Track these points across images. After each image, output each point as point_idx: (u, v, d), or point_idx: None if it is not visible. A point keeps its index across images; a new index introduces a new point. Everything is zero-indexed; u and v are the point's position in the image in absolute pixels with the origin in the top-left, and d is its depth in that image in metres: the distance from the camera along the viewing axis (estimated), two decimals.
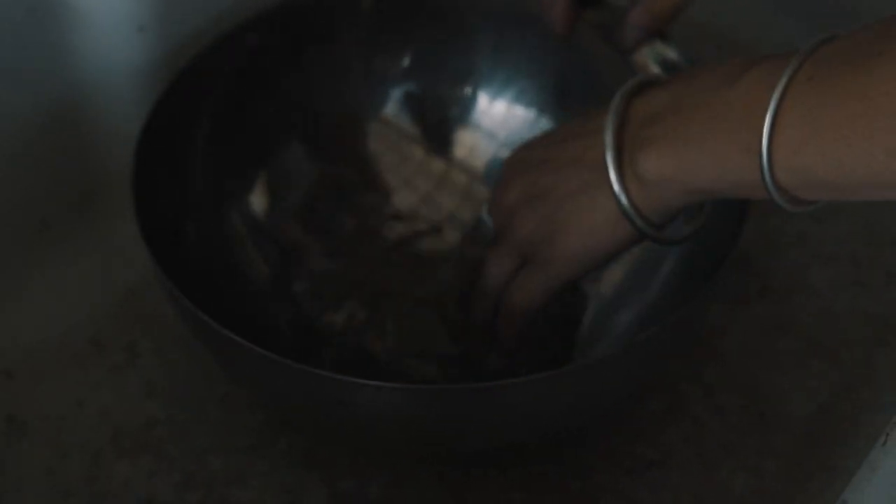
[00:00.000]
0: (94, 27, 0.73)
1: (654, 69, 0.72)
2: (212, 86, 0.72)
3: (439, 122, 0.79)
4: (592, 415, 0.66)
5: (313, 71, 0.76)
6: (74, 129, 0.76)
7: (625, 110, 0.59)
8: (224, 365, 0.64)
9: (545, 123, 0.78)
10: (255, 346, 0.56)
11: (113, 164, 0.65)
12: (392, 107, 0.79)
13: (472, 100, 0.79)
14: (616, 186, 0.58)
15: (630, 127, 0.58)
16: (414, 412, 0.58)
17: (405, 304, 0.75)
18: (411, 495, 0.67)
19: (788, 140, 0.49)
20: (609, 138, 0.58)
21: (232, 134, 0.74)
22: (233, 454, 0.69)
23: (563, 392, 0.58)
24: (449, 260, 0.77)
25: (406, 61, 0.78)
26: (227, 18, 0.75)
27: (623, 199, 0.58)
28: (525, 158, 0.66)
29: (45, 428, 0.70)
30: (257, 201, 0.75)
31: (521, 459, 0.68)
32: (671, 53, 0.71)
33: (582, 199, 0.60)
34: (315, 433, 0.69)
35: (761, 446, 0.69)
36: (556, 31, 0.70)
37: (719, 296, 0.66)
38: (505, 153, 0.77)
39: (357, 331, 0.73)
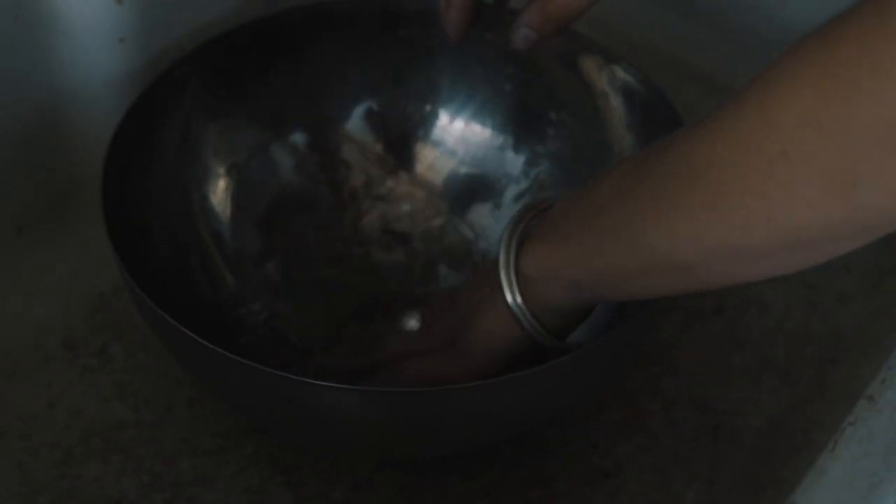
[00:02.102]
0: (75, 37, 0.74)
1: (613, 94, 0.74)
2: (183, 97, 0.73)
3: (401, 138, 0.81)
4: (541, 420, 0.67)
5: (281, 86, 0.78)
6: (52, 136, 0.77)
7: (525, 228, 0.61)
8: (182, 362, 0.65)
9: (503, 141, 0.80)
10: (209, 342, 0.57)
11: (89, 172, 0.66)
12: (355, 123, 0.80)
13: (433, 117, 0.80)
14: (505, 286, 0.60)
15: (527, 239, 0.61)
16: (363, 414, 0.59)
17: (364, 314, 0.76)
18: (374, 500, 0.68)
19: None
20: (504, 243, 0.60)
21: (201, 143, 0.75)
22: (200, 457, 0.70)
23: (512, 397, 0.59)
24: (404, 269, 0.79)
25: (370, 79, 0.79)
26: (204, 32, 0.76)
27: (509, 298, 0.60)
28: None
29: (17, 427, 0.70)
30: (222, 209, 0.76)
31: (483, 467, 0.69)
32: (629, 77, 0.73)
33: (485, 304, 0.62)
34: (275, 435, 0.70)
35: (714, 458, 0.71)
36: (449, 36, 0.71)
37: (661, 315, 0.68)
38: (464, 169, 0.80)
39: (315, 337, 0.75)
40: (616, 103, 0.74)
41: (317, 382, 0.56)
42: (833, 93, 0.40)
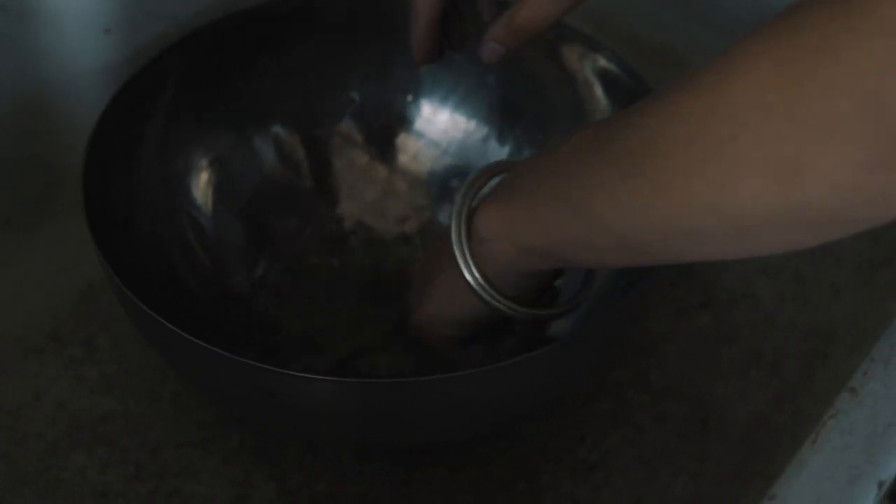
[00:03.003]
0: (61, 28, 0.74)
1: (595, 83, 0.74)
2: (165, 88, 0.73)
3: (383, 129, 0.80)
4: (524, 410, 0.68)
5: (264, 78, 0.78)
6: (39, 127, 0.77)
7: (476, 187, 0.61)
8: (164, 355, 0.65)
9: (487, 132, 0.79)
10: (189, 335, 0.57)
11: (76, 163, 0.66)
12: (339, 114, 0.80)
13: (416, 108, 0.80)
14: (457, 251, 0.59)
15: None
16: (342, 403, 0.59)
17: (347, 302, 0.76)
18: (358, 492, 0.68)
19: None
20: (456, 209, 0.60)
21: (183, 135, 0.75)
22: (185, 448, 0.70)
23: (491, 387, 0.59)
24: (386, 260, 0.79)
25: (352, 70, 0.79)
26: (190, 23, 0.76)
27: (462, 266, 0.59)
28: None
29: (2, 419, 0.71)
30: (204, 202, 0.76)
31: (468, 460, 0.69)
32: (611, 66, 0.73)
33: (444, 271, 0.62)
34: (259, 426, 0.70)
35: (701, 452, 0.70)
36: (416, 58, 0.70)
37: (647, 305, 0.68)
38: (447, 160, 0.79)
39: (296, 326, 0.75)
40: (599, 93, 0.74)
41: (298, 374, 0.56)
42: (788, 78, 0.39)
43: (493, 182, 0.62)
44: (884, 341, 0.62)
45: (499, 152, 0.79)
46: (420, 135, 0.80)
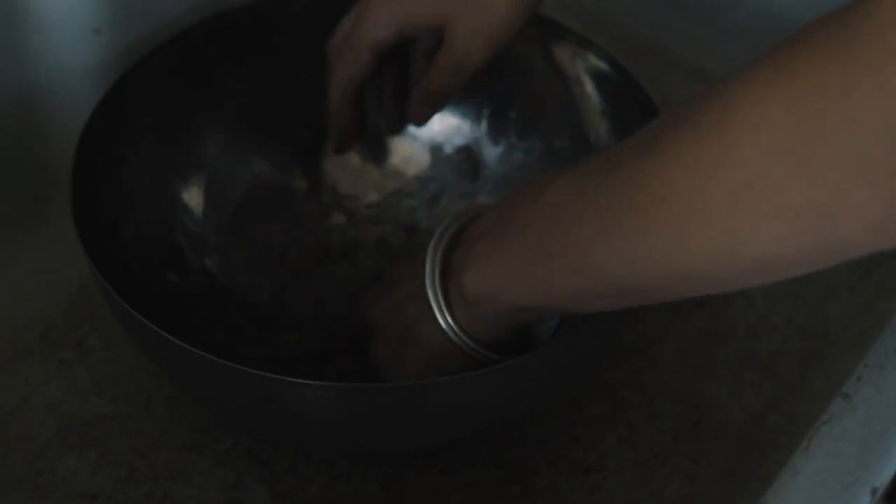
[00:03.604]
0: (50, 29, 0.73)
1: (587, 81, 0.73)
2: (154, 90, 0.73)
3: (375, 129, 0.79)
4: (505, 416, 0.67)
5: (254, 78, 0.77)
6: (29, 128, 0.77)
7: (454, 234, 0.60)
8: (152, 359, 0.65)
9: (478, 133, 0.79)
10: (178, 340, 0.56)
11: (67, 164, 0.66)
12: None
13: None
14: (437, 312, 0.58)
15: (459, 249, 0.59)
16: (334, 409, 0.59)
17: (338, 305, 0.76)
18: (351, 496, 0.68)
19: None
20: (430, 262, 0.59)
21: (172, 136, 0.74)
22: (177, 451, 0.69)
23: (475, 393, 0.59)
24: (377, 263, 0.78)
25: None
26: (180, 22, 0.75)
27: (444, 324, 0.58)
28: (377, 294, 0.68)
29: None
30: (193, 203, 0.75)
31: (463, 462, 0.69)
32: (602, 64, 0.72)
33: (416, 329, 0.61)
34: (250, 430, 0.70)
35: (695, 453, 0.70)
36: (331, 146, 0.72)
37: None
38: (439, 163, 0.79)
39: (284, 329, 0.74)
40: (590, 90, 0.73)
41: (288, 379, 0.55)
42: (802, 121, 0.38)
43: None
44: (878, 347, 0.61)
45: (491, 153, 0.78)
46: (412, 137, 0.80)
